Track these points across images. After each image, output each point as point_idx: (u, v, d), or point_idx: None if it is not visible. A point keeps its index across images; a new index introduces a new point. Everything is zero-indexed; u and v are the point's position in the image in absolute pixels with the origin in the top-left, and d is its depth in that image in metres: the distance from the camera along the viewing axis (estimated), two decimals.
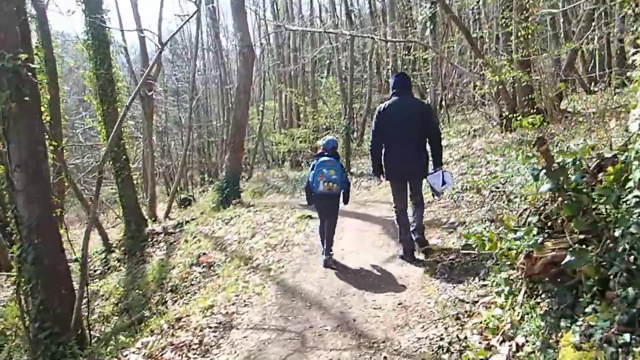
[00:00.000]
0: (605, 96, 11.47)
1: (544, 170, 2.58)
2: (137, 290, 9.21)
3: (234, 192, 12.14)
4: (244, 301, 5.47)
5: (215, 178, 25.85)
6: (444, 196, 8.29)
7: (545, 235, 2.81)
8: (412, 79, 19.40)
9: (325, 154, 5.96)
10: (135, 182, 16.75)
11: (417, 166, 5.54)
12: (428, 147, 5.64)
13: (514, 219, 3.40)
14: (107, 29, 10.79)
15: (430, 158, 5.69)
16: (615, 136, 6.24)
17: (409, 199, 5.78)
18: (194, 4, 10.84)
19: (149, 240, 11.36)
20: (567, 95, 11.50)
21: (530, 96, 10.92)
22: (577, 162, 2.60)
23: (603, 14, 12.14)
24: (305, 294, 5.32)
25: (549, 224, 2.86)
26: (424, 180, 5.76)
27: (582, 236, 2.60)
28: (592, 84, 13.17)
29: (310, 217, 8.57)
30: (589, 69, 13.47)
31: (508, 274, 2.97)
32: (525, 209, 3.32)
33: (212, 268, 7.93)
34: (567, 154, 2.62)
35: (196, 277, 7.94)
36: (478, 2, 18.14)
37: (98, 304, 9.79)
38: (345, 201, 6.24)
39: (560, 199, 2.67)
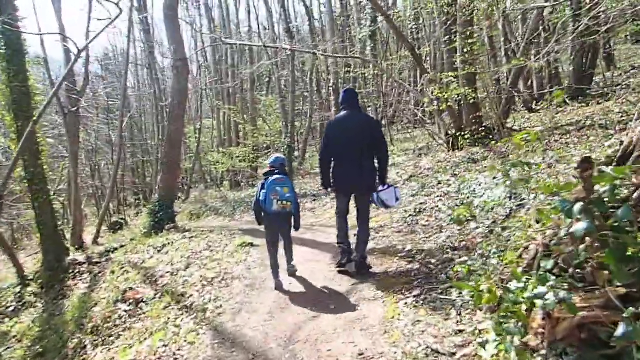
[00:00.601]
0: (549, 114, 11.35)
1: (579, 205, 1.87)
2: (54, 332, 7.97)
3: (167, 216, 11.05)
4: (174, 354, 4.51)
5: (149, 200, 24.34)
6: (395, 219, 7.70)
7: (566, 286, 2.12)
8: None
9: (276, 171, 5.67)
10: (61, 204, 15.31)
11: (367, 181, 5.50)
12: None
13: (517, 262, 2.68)
14: (21, 36, 9.53)
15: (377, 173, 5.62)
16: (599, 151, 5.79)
17: (356, 215, 5.76)
18: (116, 5, 9.77)
19: (71, 271, 10.04)
20: (511, 112, 11.23)
21: (477, 114, 10.57)
22: (613, 191, 1.92)
23: (543, 32, 12.06)
24: (248, 342, 4.42)
25: (570, 271, 2.17)
26: (374, 195, 5.63)
27: (624, 290, 1.92)
28: (534, 102, 13.09)
29: (251, 244, 7.69)
30: (529, 88, 13.40)
31: (520, 339, 2.23)
32: (527, 248, 2.63)
33: (139, 305, 6.87)
34: (604, 178, 1.91)
35: (121, 317, 6.84)
36: (418, 19, 18.03)
37: (9, 348, 8.45)
38: (297, 226, 5.92)
39: (589, 239, 1.99)
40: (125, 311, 6.90)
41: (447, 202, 7.37)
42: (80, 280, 9.71)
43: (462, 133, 10.50)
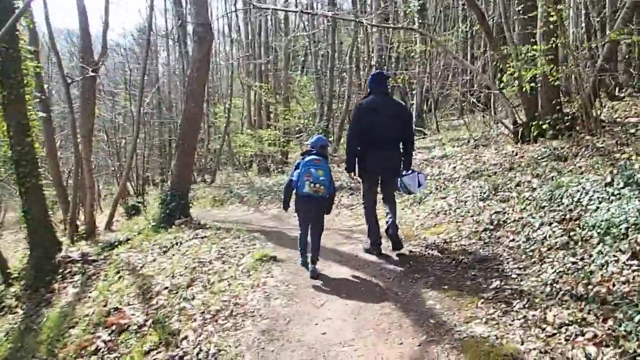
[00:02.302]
0: None
1: None
2: (26, 352, 6.30)
3: (179, 208, 9.26)
4: None
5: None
6: (463, 231, 5.73)
7: None
8: (392, 78, 17.02)
9: (314, 152, 5.25)
10: (65, 189, 13.71)
11: (395, 165, 5.50)
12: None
13: None
14: None
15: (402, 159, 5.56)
16: None
17: (382, 198, 5.68)
18: None
19: (61, 271, 8.36)
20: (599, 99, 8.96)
21: (558, 99, 8.38)
22: None
23: None
24: None
25: None
26: (398, 181, 5.60)
27: None
28: (617, 88, 10.75)
29: (274, 259, 5.80)
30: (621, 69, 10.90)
31: None
32: None
33: (122, 336, 5.09)
34: None
35: (98, 350, 5.08)
36: None
37: None
38: (328, 210, 5.46)
39: None
40: (105, 342, 5.13)
41: (540, 215, 5.32)
42: (71, 282, 8.04)
43: (538, 122, 8.35)
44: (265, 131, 18.63)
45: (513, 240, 5.12)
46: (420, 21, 16.17)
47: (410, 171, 5.58)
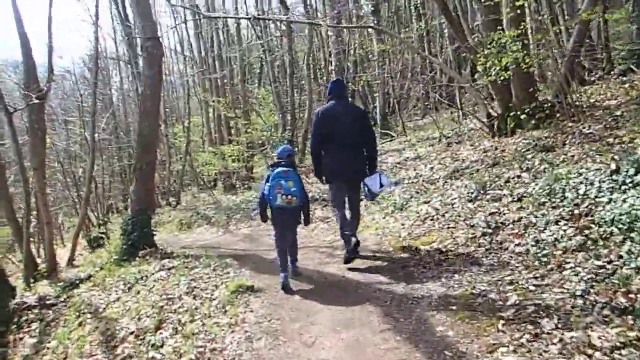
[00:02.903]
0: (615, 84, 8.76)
1: None
2: None
3: (142, 238, 8.38)
4: None
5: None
6: (458, 238, 5.10)
7: None
8: (351, 82, 16.49)
9: (282, 163, 5.17)
10: (20, 227, 12.55)
11: (356, 170, 5.45)
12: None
13: None
14: None
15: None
16: None
17: (347, 203, 5.60)
18: None
19: (17, 319, 7.35)
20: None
21: (533, 87, 7.93)
22: None
23: None
24: None
25: None
26: (361, 184, 5.53)
27: None
28: (586, 73, 10.42)
29: (251, 289, 5.02)
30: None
31: None
32: None
33: None
34: None
35: None
36: None
37: None
38: (306, 221, 5.42)
39: None
40: None
41: (542, 213, 4.74)
42: (28, 331, 7.05)
43: (516, 112, 7.87)
44: (228, 147, 17.74)
45: (519, 244, 4.52)
46: (374, 22, 15.73)
47: (372, 172, 5.53)
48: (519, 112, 7.80)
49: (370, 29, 15.15)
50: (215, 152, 17.84)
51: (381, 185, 5.46)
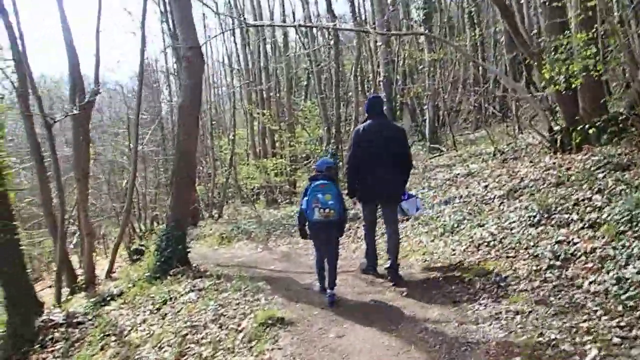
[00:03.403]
0: None
1: None
2: None
3: (176, 255, 8.03)
4: None
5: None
6: (520, 269, 4.39)
7: None
8: (399, 95, 15.83)
9: (320, 176, 5.08)
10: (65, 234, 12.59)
11: (395, 190, 5.44)
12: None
13: None
14: None
15: None
16: None
17: (385, 223, 5.62)
18: None
19: (42, 337, 7.11)
20: None
21: (603, 98, 7.12)
22: None
23: None
24: None
25: None
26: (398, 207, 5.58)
27: None
28: None
29: (282, 321, 4.49)
30: None
31: None
32: None
33: None
34: None
35: None
36: None
37: None
38: (341, 232, 5.28)
39: None
40: None
41: (623, 244, 4.01)
42: (52, 352, 6.78)
43: (584, 126, 7.07)
44: (270, 160, 17.41)
45: (594, 281, 3.81)
46: (427, 29, 15.10)
47: (407, 196, 5.64)
48: (587, 126, 6.99)
49: (421, 38, 14.55)
50: (257, 166, 17.56)
51: (417, 209, 5.64)
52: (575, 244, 4.52)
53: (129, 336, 5.97)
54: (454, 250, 5.75)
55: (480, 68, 16.35)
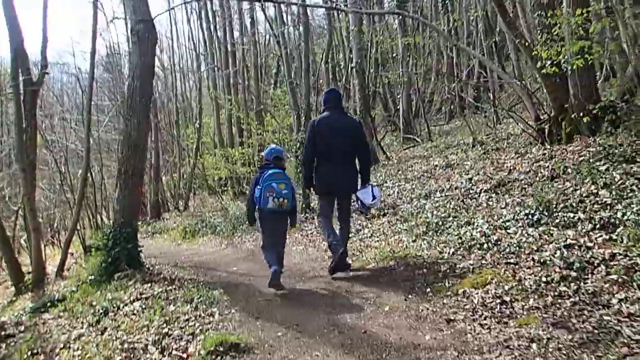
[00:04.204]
0: None
1: None
2: None
3: (126, 254, 7.02)
4: None
5: (146, 214, 20.34)
6: (525, 281, 3.56)
7: None
8: (372, 84, 15.01)
9: (271, 165, 5.06)
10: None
11: (348, 183, 5.33)
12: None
13: None
14: None
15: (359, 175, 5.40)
16: None
17: (337, 215, 5.48)
18: None
19: None
20: None
21: (595, 84, 6.41)
22: None
23: None
24: None
25: None
26: (353, 196, 5.44)
27: None
28: None
29: (236, 348, 3.54)
30: None
31: None
32: None
33: None
34: None
35: None
36: None
37: None
38: (293, 222, 5.32)
39: None
40: None
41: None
42: None
43: (578, 114, 6.33)
44: (236, 150, 16.31)
45: (625, 299, 3.02)
46: (400, 18, 14.26)
47: (364, 186, 5.39)
48: (581, 114, 6.25)
49: (395, 25, 13.69)
50: (223, 155, 16.46)
51: (373, 198, 5.30)
52: (588, 248, 3.75)
53: (60, 357, 4.95)
54: (441, 252, 4.91)
55: (454, 57, 15.62)
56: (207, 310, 4.61)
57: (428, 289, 4.14)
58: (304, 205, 9.30)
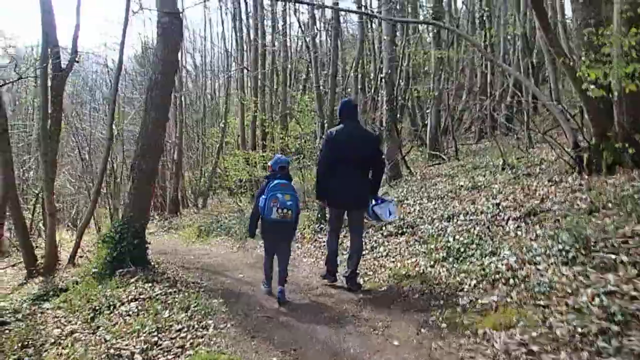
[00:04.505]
0: None
1: None
2: None
3: (133, 249, 6.77)
4: None
5: (165, 206, 20.23)
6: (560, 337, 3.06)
7: None
8: (401, 97, 14.60)
9: (278, 175, 5.00)
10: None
11: (363, 196, 5.22)
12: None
13: None
14: None
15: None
16: None
17: (349, 228, 5.54)
18: None
19: None
20: None
21: None
22: None
23: None
24: None
25: None
26: (369, 209, 5.27)
27: None
28: None
29: None
30: None
31: None
32: None
33: None
34: None
35: None
36: None
37: None
38: (294, 233, 5.30)
39: None
40: None
41: None
42: None
43: (623, 144, 5.81)
44: (256, 153, 16.01)
45: None
46: (434, 31, 13.81)
47: (380, 200, 5.32)
48: (626, 144, 5.73)
49: (428, 38, 13.25)
50: (244, 157, 16.20)
51: (390, 214, 5.25)
52: (632, 298, 3.26)
53: (48, 353, 4.66)
54: (461, 283, 4.46)
55: (488, 75, 15.09)
56: (202, 321, 4.26)
57: (444, 324, 3.71)
58: (319, 216, 8.90)
